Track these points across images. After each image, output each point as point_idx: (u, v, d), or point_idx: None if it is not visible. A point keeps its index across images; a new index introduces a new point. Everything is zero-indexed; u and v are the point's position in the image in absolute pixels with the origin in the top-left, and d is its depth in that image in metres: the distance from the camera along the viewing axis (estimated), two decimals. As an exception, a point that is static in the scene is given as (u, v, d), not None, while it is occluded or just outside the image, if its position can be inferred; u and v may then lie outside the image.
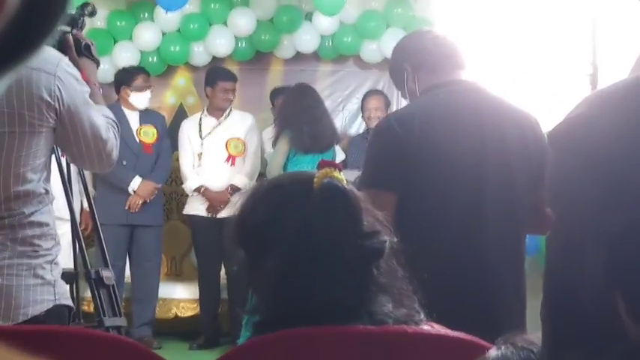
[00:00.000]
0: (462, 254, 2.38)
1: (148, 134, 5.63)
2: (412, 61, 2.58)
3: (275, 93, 6.12)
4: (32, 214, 2.12)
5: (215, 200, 5.64)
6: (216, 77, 5.77)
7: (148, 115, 5.74)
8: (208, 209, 5.66)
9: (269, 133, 5.94)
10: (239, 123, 5.84)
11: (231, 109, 5.86)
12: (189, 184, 5.72)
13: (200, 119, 5.85)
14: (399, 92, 6.30)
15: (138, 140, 5.56)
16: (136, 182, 5.48)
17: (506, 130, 2.44)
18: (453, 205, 2.39)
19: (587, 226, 1.54)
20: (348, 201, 1.33)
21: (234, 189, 5.64)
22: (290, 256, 1.28)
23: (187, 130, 5.84)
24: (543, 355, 0.92)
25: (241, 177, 5.71)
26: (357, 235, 1.31)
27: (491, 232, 2.40)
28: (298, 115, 5.40)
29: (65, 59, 2.15)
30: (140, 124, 5.63)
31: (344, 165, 5.13)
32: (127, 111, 5.54)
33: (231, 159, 5.74)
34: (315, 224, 1.29)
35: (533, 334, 0.97)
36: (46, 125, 2.10)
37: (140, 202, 5.50)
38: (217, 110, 5.81)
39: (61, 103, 2.09)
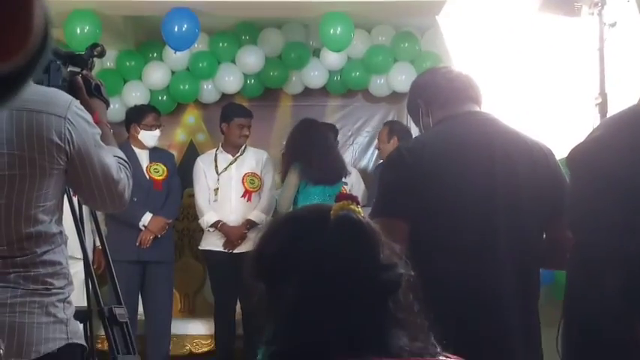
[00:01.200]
0: (473, 285, 2.37)
1: (158, 171, 5.65)
2: (425, 96, 2.62)
3: None
4: (45, 253, 2.12)
5: (232, 235, 5.63)
6: (232, 113, 5.79)
7: (157, 153, 5.77)
8: (225, 244, 5.66)
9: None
10: (254, 159, 5.86)
11: (245, 146, 5.89)
12: (207, 219, 5.71)
13: (216, 155, 5.87)
14: (408, 125, 6.35)
15: (148, 177, 5.59)
16: (146, 218, 5.49)
17: (517, 161, 2.44)
18: (462, 236, 2.39)
19: (606, 248, 1.54)
20: (364, 233, 1.33)
21: (251, 224, 5.64)
22: (305, 287, 1.28)
23: (203, 165, 5.85)
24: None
25: (258, 212, 5.71)
26: (373, 267, 1.30)
27: (502, 263, 2.39)
28: (307, 147, 5.41)
29: (76, 102, 2.16)
30: (150, 162, 5.66)
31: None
32: (136, 149, 5.57)
33: (247, 194, 5.75)
34: (331, 256, 1.29)
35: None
36: (57, 167, 2.11)
37: (151, 237, 5.49)
38: (233, 147, 5.83)
39: (71, 146, 2.10)
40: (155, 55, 6.44)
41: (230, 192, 5.75)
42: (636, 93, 3.21)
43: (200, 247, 5.89)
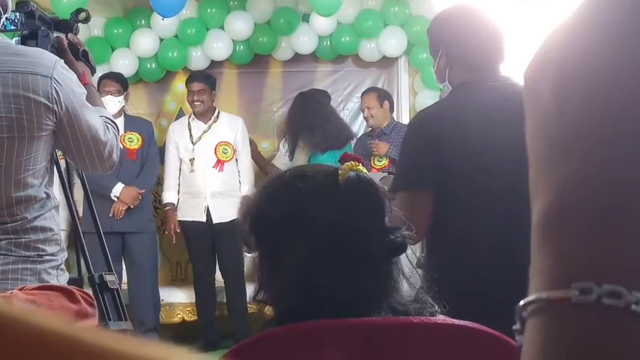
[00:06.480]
0: (496, 254, 2.33)
1: (132, 140, 5.58)
2: (448, 51, 2.53)
3: None
4: (35, 218, 2.10)
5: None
6: (187, 80, 5.81)
7: (132, 122, 5.71)
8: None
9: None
10: (228, 126, 5.81)
11: (219, 112, 5.84)
12: (165, 197, 5.76)
13: (189, 123, 5.83)
14: (399, 89, 6.30)
15: (122, 147, 5.50)
16: (117, 188, 5.41)
17: None
18: (486, 206, 2.35)
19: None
20: (376, 194, 1.33)
21: None
22: (316, 246, 1.26)
23: (174, 137, 5.80)
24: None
25: (246, 187, 5.67)
26: (382, 228, 1.31)
27: (525, 232, 2.37)
28: (305, 119, 5.42)
29: (61, 61, 2.13)
30: (125, 131, 5.58)
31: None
32: (110, 118, 5.48)
33: (219, 164, 5.70)
34: (343, 216, 1.28)
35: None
36: (46, 129, 2.08)
37: (124, 208, 5.41)
38: (203, 115, 5.80)
39: (59, 106, 2.07)
40: (143, 22, 6.36)
41: (202, 162, 5.70)
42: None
43: (177, 218, 5.84)
